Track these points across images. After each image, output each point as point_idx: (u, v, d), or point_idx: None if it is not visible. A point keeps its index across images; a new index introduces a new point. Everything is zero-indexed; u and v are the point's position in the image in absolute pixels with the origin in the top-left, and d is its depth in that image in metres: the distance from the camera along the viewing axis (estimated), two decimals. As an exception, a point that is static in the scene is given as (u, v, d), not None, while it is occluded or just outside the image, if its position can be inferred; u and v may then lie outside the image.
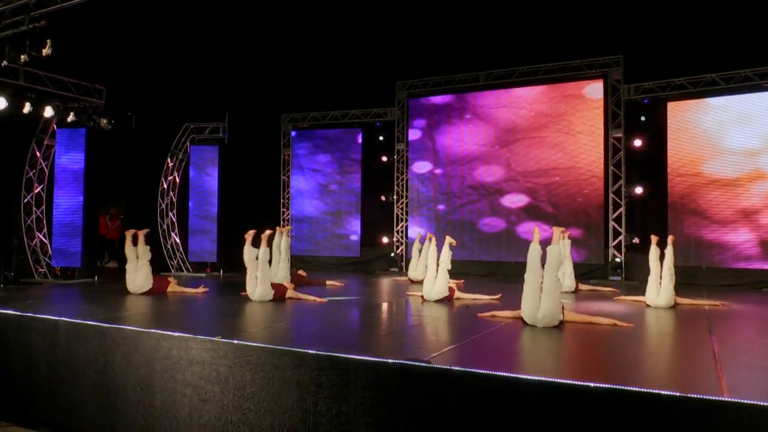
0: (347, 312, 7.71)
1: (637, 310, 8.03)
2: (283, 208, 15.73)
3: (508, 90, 13.29)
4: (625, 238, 11.99)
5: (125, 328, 5.99)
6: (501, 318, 6.80)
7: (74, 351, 6.33)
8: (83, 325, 6.29)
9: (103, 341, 6.10)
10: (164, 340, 5.72)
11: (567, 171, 12.62)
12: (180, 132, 13.46)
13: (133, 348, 5.90)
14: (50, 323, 6.63)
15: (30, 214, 11.65)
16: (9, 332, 7.04)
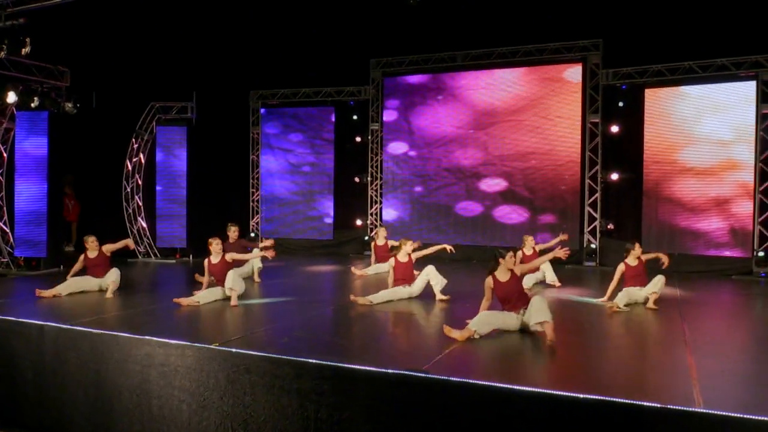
0: (321, 312, 8.14)
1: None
2: (252, 188, 15.96)
3: (485, 71, 13.69)
4: (600, 224, 12.68)
5: (120, 335, 6.32)
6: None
7: (63, 357, 6.63)
8: (73, 332, 6.59)
9: (95, 348, 6.42)
10: (160, 347, 6.08)
11: (544, 156, 13.18)
12: (145, 111, 13.49)
13: (127, 355, 6.24)
14: (35, 328, 6.90)
15: (-11, 201, 11.67)
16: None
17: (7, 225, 11.80)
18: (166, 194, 13.46)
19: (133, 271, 12.38)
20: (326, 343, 6.40)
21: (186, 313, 7.71)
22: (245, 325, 7.05)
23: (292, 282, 10.81)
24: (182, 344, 5.97)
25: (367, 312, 8.00)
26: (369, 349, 6.19)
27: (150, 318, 7.49)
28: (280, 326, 6.90)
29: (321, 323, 7.42)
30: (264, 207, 15.79)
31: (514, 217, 13.49)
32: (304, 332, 6.72)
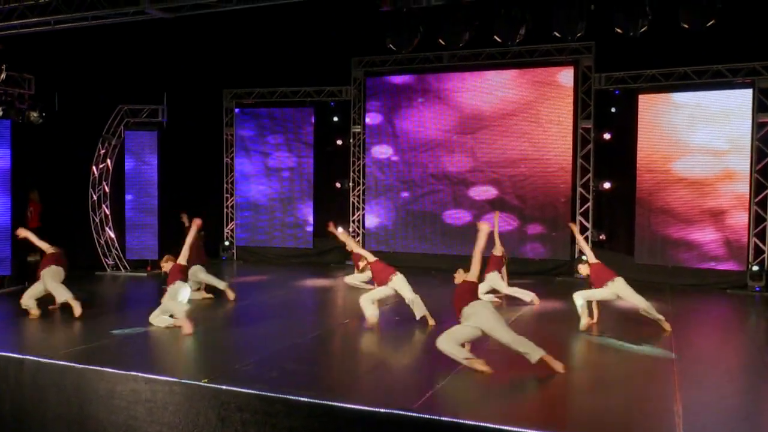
0: (307, 339, 8.63)
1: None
2: (226, 194, 16.33)
3: (473, 73, 14.19)
4: (592, 234, 13.30)
5: (104, 370, 6.74)
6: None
7: (44, 392, 7.05)
8: (55, 366, 7.00)
9: (78, 383, 6.84)
10: (147, 383, 6.53)
11: (534, 162, 13.75)
12: (113, 115, 13.78)
13: (112, 390, 6.67)
14: (13, 361, 7.29)
15: (-52, 215, 11.90)
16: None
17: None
18: (135, 203, 13.79)
19: (102, 285, 12.76)
20: (315, 376, 6.89)
21: (166, 341, 8.14)
22: (232, 357, 7.51)
23: (272, 300, 11.25)
24: (170, 380, 6.43)
25: (353, 338, 8.50)
26: (359, 383, 6.69)
27: (128, 348, 7.91)
28: (267, 357, 7.37)
29: (308, 353, 7.89)
30: (239, 213, 16.18)
31: (503, 226, 14.02)
32: (293, 364, 7.21)
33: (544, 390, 6.55)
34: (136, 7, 7.76)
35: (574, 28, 7.77)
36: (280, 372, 6.81)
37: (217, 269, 14.95)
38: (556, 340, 8.35)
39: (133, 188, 13.78)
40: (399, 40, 7.70)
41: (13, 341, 8.25)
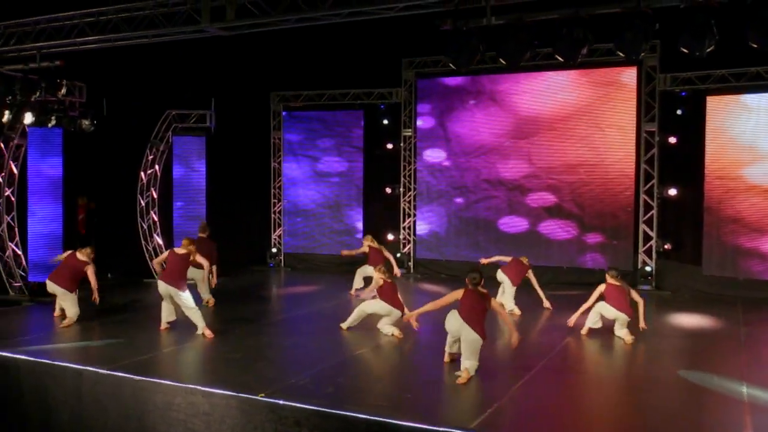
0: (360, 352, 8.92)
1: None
2: (274, 199, 16.78)
3: (529, 74, 14.28)
4: (657, 244, 13.28)
5: (162, 383, 7.16)
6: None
7: (103, 403, 7.51)
8: (113, 377, 7.44)
9: (137, 395, 7.27)
10: (204, 396, 6.91)
11: (594, 168, 13.80)
12: (161, 120, 14.32)
13: (170, 403, 7.08)
14: (72, 372, 7.78)
15: (0, 223, 12.60)
16: (22, 378, 8.19)
17: (20, 247, 12.75)
18: (183, 210, 14.31)
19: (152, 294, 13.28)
20: (370, 392, 7.18)
21: (221, 352, 8.53)
22: (286, 371, 7.84)
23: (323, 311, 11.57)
24: (227, 394, 6.80)
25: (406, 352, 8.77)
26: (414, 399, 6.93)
27: (184, 359, 8.35)
28: (321, 371, 7.68)
29: (362, 367, 8.20)
30: (287, 219, 16.61)
31: (561, 234, 14.14)
32: (347, 379, 7.52)
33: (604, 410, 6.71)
34: (195, 27, 8.17)
35: (638, 49, 7.86)
36: (335, 387, 7.12)
37: (264, 277, 15.50)
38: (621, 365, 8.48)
39: (181, 195, 14.30)
40: (459, 59, 7.90)
41: (70, 351, 8.76)
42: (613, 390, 7.43)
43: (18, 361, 8.19)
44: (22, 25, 8.74)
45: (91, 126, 11.40)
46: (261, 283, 14.80)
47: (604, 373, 8.27)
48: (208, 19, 7.84)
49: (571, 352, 8.95)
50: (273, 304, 12.47)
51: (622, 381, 7.99)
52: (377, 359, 8.64)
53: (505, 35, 7.75)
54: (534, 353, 8.64)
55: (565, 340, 9.28)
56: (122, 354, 8.25)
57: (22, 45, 8.71)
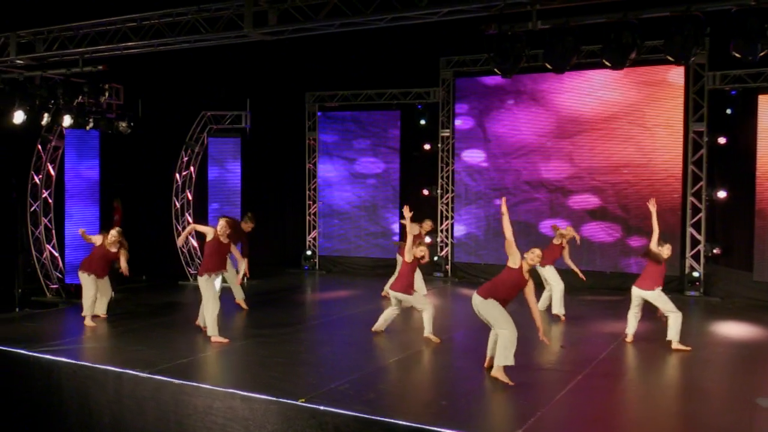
0: (398, 358, 9.03)
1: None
2: (309, 201, 16.98)
3: (571, 72, 14.17)
4: (705, 248, 13.18)
5: (201, 386, 7.36)
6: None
7: (143, 406, 7.74)
8: (152, 380, 7.67)
9: (177, 398, 7.48)
10: (243, 401, 7.09)
11: (639, 169, 13.74)
12: (196, 121, 14.60)
13: (209, 407, 7.27)
14: (112, 375, 8.02)
15: (38, 225, 12.99)
16: (62, 380, 8.46)
17: (57, 249, 13.12)
18: (219, 212, 14.55)
19: (186, 296, 13.58)
20: (411, 399, 7.29)
21: (260, 356, 8.71)
22: (326, 376, 7.98)
23: (361, 315, 11.69)
24: (267, 399, 6.97)
25: (447, 358, 8.87)
26: (456, 407, 7.02)
27: (222, 363, 8.55)
28: (362, 377, 7.81)
29: (402, 373, 8.31)
30: (322, 221, 16.80)
31: (604, 237, 14.09)
32: (388, 385, 7.65)
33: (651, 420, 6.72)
34: (237, 32, 8.37)
35: (689, 53, 7.83)
36: (376, 393, 7.25)
37: (299, 280, 15.71)
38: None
39: (216, 196, 14.56)
40: (504, 66, 7.98)
41: (108, 354, 9.03)
42: (660, 399, 7.42)
43: (59, 363, 8.46)
44: (66, 30, 9.04)
45: (128, 128, 11.71)
46: (296, 286, 14.99)
47: (651, 381, 8.24)
48: (250, 24, 8.02)
49: (617, 359, 8.95)
50: (309, 308, 12.64)
51: (669, 390, 7.98)
52: (417, 365, 8.74)
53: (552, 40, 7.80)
54: (578, 360, 8.67)
55: (611, 347, 9.28)
56: (161, 357, 8.47)
57: (65, 50, 9.01)
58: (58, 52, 9.03)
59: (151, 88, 13.59)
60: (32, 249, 12.97)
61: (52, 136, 12.74)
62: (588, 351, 9.22)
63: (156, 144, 14.35)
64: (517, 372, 7.80)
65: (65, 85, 8.97)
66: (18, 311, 11.50)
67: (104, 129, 11.57)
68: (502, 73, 8.50)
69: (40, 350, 8.75)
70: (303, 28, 8.19)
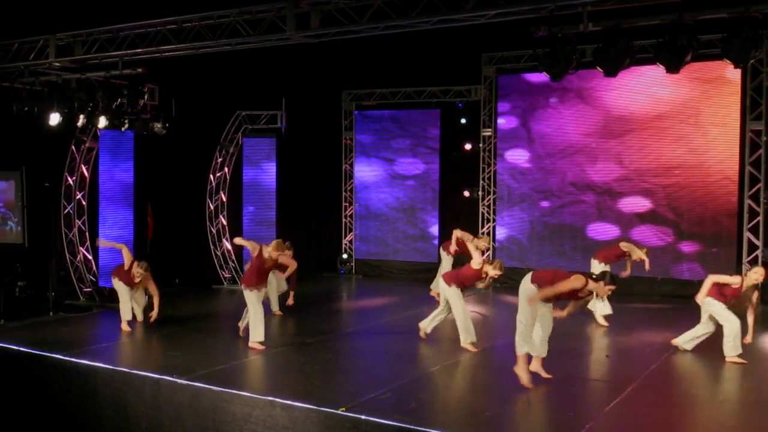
0: (442, 367, 9.13)
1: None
2: (345, 202, 17.18)
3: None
4: (763, 254, 13.04)
5: (241, 394, 7.55)
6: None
7: (181, 413, 7.95)
8: (190, 387, 7.88)
9: (215, 406, 7.68)
10: (284, 409, 7.26)
11: (692, 170, 13.66)
12: (230, 121, 14.87)
13: (248, 415, 7.47)
14: (150, 381, 8.26)
15: (71, 227, 13.36)
16: (99, 386, 8.73)
17: (90, 252, 13.48)
18: (253, 214, 14.84)
19: (220, 300, 13.87)
20: (453, 409, 7.41)
21: (298, 363, 8.90)
22: (366, 384, 8.13)
23: (399, 322, 11.83)
24: (307, 407, 7.12)
25: (487, 367, 8.95)
26: (500, 418, 7.11)
27: (260, 370, 8.75)
28: (402, 386, 7.94)
29: (444, 382, 8.42)
30: (358, 224, 16.98)
31: (655, 241, 14.01)
32: (430, 394, 7.78)
33: None
34: (280, 35, 8.57)
35: (747, 56, 7.81)
36: (418, 403, 7.37)
37: (335, 284, 15.91)
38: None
39: (251, 198, 14.82)
40: (554, 69, 8.05)
41: (145, 359, 9.30)
42: (716, 413, 7.43)
43: (95, 368, 8.73)
44: (105, 33, 9.34)
45: (163, 129, 11.99)
46: (332, 291, 15.19)
47: (706, 393, 8.25)
48: (293, 27, 8.21)
49: (670, 369, 8.94)
50: (346, 314, 12.80)
51: (726, 404, 7.95)
52: (459, 374, 8.83)
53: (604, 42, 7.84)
54: (628, 371, 8.69)
55: (663, 357, 9.28)
56: (198, 363, 8.70)
57: (104, 53, 9.30)
58: (98, 54, 9.32)
59: (186, 87, 13.85)
60: (66, 252, 13.33)
61: (86, 137, 13.08)
62: (638, 361, 9.23)
63: (190, 145, 14.62)
64: (565, 383, 7.87)
65: (105, 87, 9.26)
66: (52, 315, 11.83)
67: (139, 130, 11.87)
68: (552, 77, 8.55)
69: (76, 355, 9.03)
70: (347, 31, 8.35)
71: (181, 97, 13.65)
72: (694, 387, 8.58)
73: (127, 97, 9.10)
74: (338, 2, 8.00)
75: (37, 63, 10.53)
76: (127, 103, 9.06)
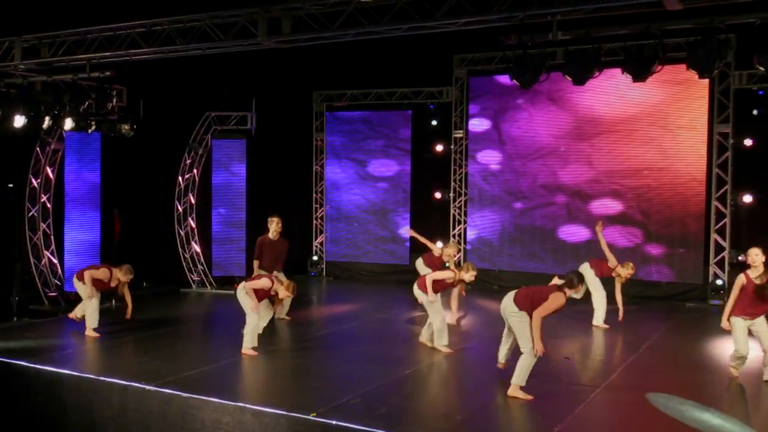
0: (412, 371, 9.21)
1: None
2: (316, 204, 17.19)
3: (591, 71, 14.42)
4: (729, 255, 13.30)
5: (210, 400, 7.55)
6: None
7: (149, 420, 7.93)
8: (159, 393, 7.86)
9: (185, 411, 7.68)
10: (254, 415, 7.28)
11: (661, 172, 13.88)
12: (200, 123, 14.80)
13: (217, 421, 7.47)
14: (117, 388, 8.22)
15: (36, 230, 13.22)
16: (65, 393, 8.66)
17: (55, 256, 13.35)
18: (223, 216, 14.79)
19: (189, 304, 13.80)
20: (424, 414, 7.48)
21: (269, 369, 8.91)
22: (337, 389, 8.16)
23: (371, 325, 11.89)
24: (278, 413, 7.15)
25: (459, 370, 9.04)
26: (472, 422, 7.20)
27: (230, 376, 8.74)
28: (373, 390, 7.98)
29: (415, 387, 8.49)
30: (329, 226, 17.00)
31: (623, 243, 14.19)
32: (401, 399, 7.83)
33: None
34: (251, 40, 8.59)
35: (712, 67, 8.00)
36: (389, 407, 7.42)
37: (305, 287, 15.87)
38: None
39: (220, 200, 14.77)
40: (524, 78, 8.17)
41: (112, 366, 9.23)
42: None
43: (61, 375, 8.66)
44: (72, 35, 9.25)
45: (131, 131, 11.93)
46: (303, 294, 15.13)
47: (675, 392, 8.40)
48: (264, 32, 8.23)
49: (638, 369, 9.09)
50: (317, 317, 12.80)
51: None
52: (431, 378, 8.92)
53: (572, 51, 7.98)
54: (598, 371, 8.85)
55: (631, 358, 9.44)
56: (167, 369, 8.67)
57: (72, 55, 9.23)
58: (64, 57, 9.25)
59: (154, 88, 13.76)
60: (30, 255, 13.19)
61: (51, 138, 12.96)
62: (607, 362, 9.38)
63: (159, 146, 14.54)
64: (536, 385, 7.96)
65: (72, 89, 9.19)
66: (16, 320, 11.71)
67: (107, 132, 11.80)
68: (521, 85, 8.68)
69: (41, 362, 8.93)
70: (318, 37, 8.38)
71: (149, 98, 13.58)
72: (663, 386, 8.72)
73: (94, 99, 9.04)
74: (309, 8, 8.04)
75: (2, 65, 10.42)
76: (94, 106, 8.99)
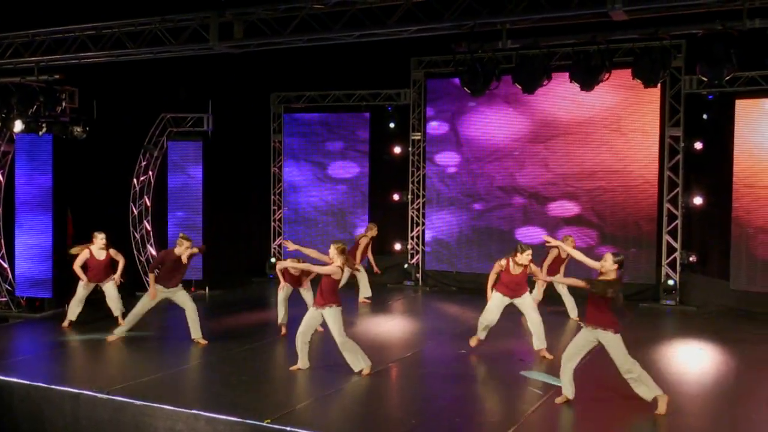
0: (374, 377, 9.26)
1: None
2: (274, 206, 17.14)
3: (546, 74, 14.61)
4: (681, 256, 13.59)
5: (164, 408, 7.51)
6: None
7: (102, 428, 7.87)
8: (112, 402, 7.80)
9: (138, 419, 7.62)
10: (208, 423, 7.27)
11: (614, 175, 14.13)
12: (155, 124, 14.67)
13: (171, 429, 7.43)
14: (69, 396, 8.13)
15: (-15, 234, 13.00)
16: (15, 402, 8.53)
17: (6, 260, 13.13)
18: (179, 219, 14.67)
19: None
20: (381, 418, 7.52)
21: (224, 374, 8.88)
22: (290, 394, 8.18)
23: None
24: (232, 420, 7.15)
25: (415, 375, 9.11)
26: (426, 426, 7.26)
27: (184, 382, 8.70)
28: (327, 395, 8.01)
29: (371, 392, 8.50)
30: (287, 228, 16.96)
31: (579, 244, 14.38)
32: (356, 404, 7.87)
33: None
34: (202, 45, 8.55)
35: (656, 77, 8.19)
36: (344, 412, 7.47)
37: (263, 289, 15.84)
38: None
39: (176, 203, 14.66)
40: (474, 86, 8.28)
41: (63, 373, 9.12)
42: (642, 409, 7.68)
43: (11, 384, 8.53)
44: (20, 37, 9.12)
45: (83, 133, 11.78)
46: (261, 297, 15.11)
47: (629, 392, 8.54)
48: (216, 36, 8.22)
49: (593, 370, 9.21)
50: (274, 321, 12.75)
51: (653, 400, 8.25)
52: (386, 382, 8.95)
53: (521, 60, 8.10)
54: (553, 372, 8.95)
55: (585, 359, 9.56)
56: (120, 376, 8.61)
57: (19, 58, 9.09)
58: (12, 60, 9.11)
59: (108, 89, 13.59)
60: (-21, 260, 12.97)
61: (0, 140, 12.74)
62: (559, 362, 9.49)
63: (113, 148, 14.33)
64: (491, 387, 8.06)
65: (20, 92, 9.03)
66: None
67: (58, 134, 11.63)
68: (472, 93, 8.79)
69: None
70: (270, 42, 8.39)
71: (102, 99, 13.41)
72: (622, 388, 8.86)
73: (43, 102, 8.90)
74: (262, 13, 8.04)
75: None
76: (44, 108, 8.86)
